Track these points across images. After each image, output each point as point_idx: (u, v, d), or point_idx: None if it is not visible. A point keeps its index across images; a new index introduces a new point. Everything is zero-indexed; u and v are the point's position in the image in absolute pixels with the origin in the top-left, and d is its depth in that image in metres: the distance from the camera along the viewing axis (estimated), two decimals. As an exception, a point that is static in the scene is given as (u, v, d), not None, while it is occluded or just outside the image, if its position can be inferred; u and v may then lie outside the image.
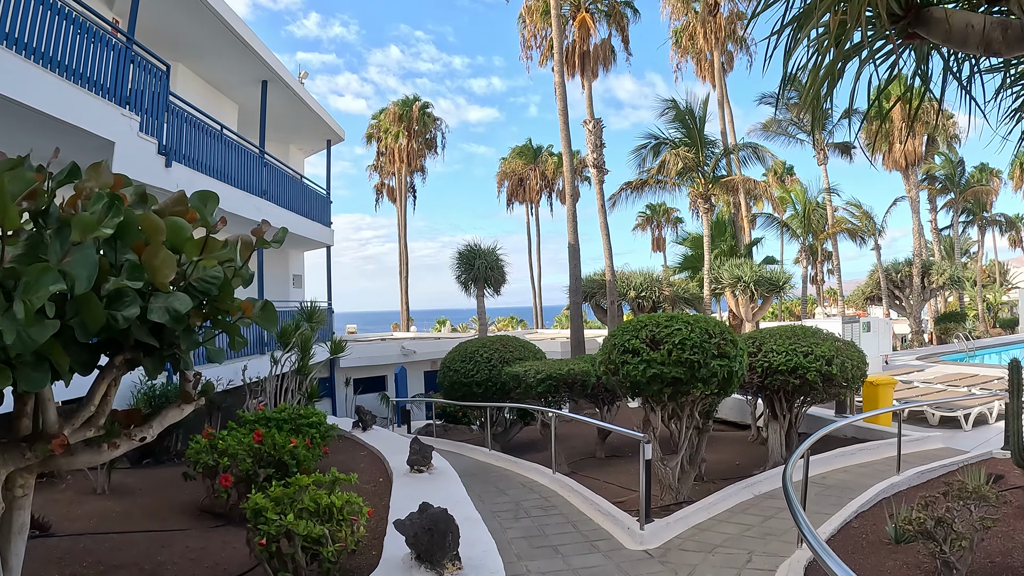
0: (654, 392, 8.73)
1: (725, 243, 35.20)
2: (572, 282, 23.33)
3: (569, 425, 18.61)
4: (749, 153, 30.83)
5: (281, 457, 8.16)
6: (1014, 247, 79.95)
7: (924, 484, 9.49)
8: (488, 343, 16.17)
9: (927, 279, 37.54)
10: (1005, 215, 54.24)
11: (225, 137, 16.32)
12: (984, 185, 49.48)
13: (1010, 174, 57.56)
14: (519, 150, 57.07)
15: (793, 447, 12.12)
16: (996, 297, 55.88)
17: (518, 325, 57.71)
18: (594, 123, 25.85)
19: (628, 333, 8.95)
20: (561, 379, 12.85)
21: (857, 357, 12.07)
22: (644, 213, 71.95)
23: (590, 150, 25.75)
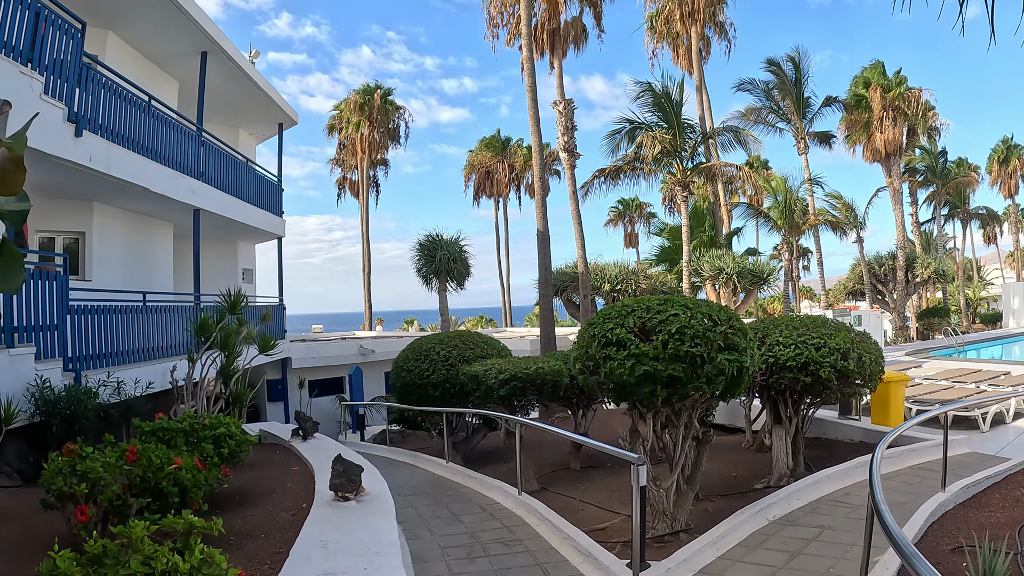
0: (644, 396, 6.85)
1: (704, 234, 33.45)
2: (541, 273, 21.32)
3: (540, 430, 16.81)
4: (729, 139, 29.10)
5: (158, 482, 6.22)
6: (988, 243, 79.75)
7: (975, 501, 7.80)
8: (445, 340, 14.17)
9: (911, 273, 36.29)
10: (987, 207, 53.39)
11: (155, 110, 14.49)
12: (966, 176, 48.39)
13: (988, 168, 56.83)
14: (487, 141, 55.03)
15: (800, 456, 10.39)
16: (975, 292, 55.00)
17: (487, 325, 55.71)
18: (564, 104, 23.87)
19: (611, 321, 7.08)
20: (528, 380, 10.91)
21: (875, 350, 10.39)
22: (616, 208, 70.58)
23: (560, 133, 23.74)
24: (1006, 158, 56.56)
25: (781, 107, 36.22)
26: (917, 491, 8.64)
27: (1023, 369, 18.44)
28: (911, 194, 45.80)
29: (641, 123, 26.14)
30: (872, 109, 35.73)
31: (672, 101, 26.27)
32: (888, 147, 35.37)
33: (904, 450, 10.54)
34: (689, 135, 27.09)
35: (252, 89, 20.63)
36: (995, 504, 7.54)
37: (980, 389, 15.66)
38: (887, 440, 6.39)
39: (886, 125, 35.24)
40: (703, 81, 34.47)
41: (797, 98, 35.22)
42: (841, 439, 12.50)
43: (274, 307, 22.37)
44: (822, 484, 8.93)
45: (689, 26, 33.67)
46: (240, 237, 22.87)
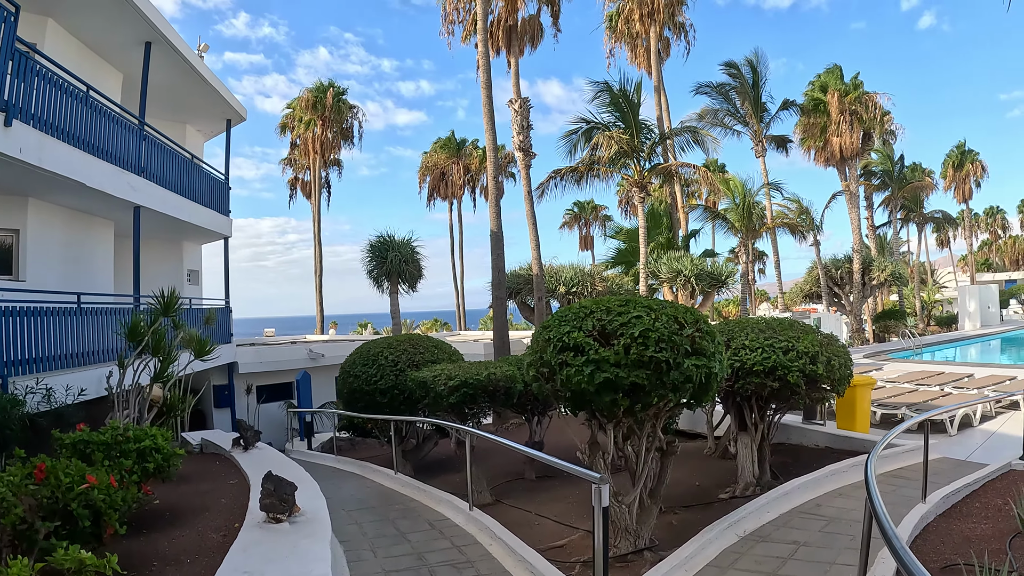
0: (605, 405, 6.26)
1: (662, 235, 33.03)
2: (495, 275, 20.63)
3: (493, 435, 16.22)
4: (687, 140, 28.67)
5: (67, 504, 5.50)
6: (941, 247, 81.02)
7: (957, 512, 7.35)
8: (394, 343, 13.44)
9: (868, 276, 36.35)
10: (944, 211, 53.90)
11: (93, 101, 13.65)
12: (922, 180, 48.76)
13: (942, 173, 57.49)
14: (442, 143, 53.99)
15: (766, 464, 9.93)
16: (929, 296, 55.54)
17: (442, 328, 54.89)
18: (520, 102, 23.26)
19: (568, 324, 6.49)
20: (479, 386, 10.25)
21: (844, 354, 9.95)
22: (571, 210, 70.27)
23: (516, 132, 23.12)
24: (960, 163, 57.24)
25: (739, 110, 36.04)
26: (894, 500, 8.19)
27: (985, 371, 18.37)
28: (867, 198, 46.04)
29: (598, 123, 25.61)
30: (830, 113, 35.71)
31: (630, 101, 25.78)
32: (846, 151, 35.38)
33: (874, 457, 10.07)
34: (647, 136, 26.65)
35: (199, 83, 19.75)
36: (977, 514, 7.11)
37: (944, 392, 15.48)
38: (880, 446, 6.02)
39: (843, 129, 35.23)
40: (661, 82, 34.09)
41: (755, 101, 35.08)
42: (806, 444, 12.10)
43: (220, 310, 21.52)
44: (793, 495, 8.43)
45: (648, 26, 33.26)
46: (185, 237, 21.97)
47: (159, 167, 16.96)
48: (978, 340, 33.81)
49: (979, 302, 40.27)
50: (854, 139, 35.38)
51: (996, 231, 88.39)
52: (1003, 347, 32.74)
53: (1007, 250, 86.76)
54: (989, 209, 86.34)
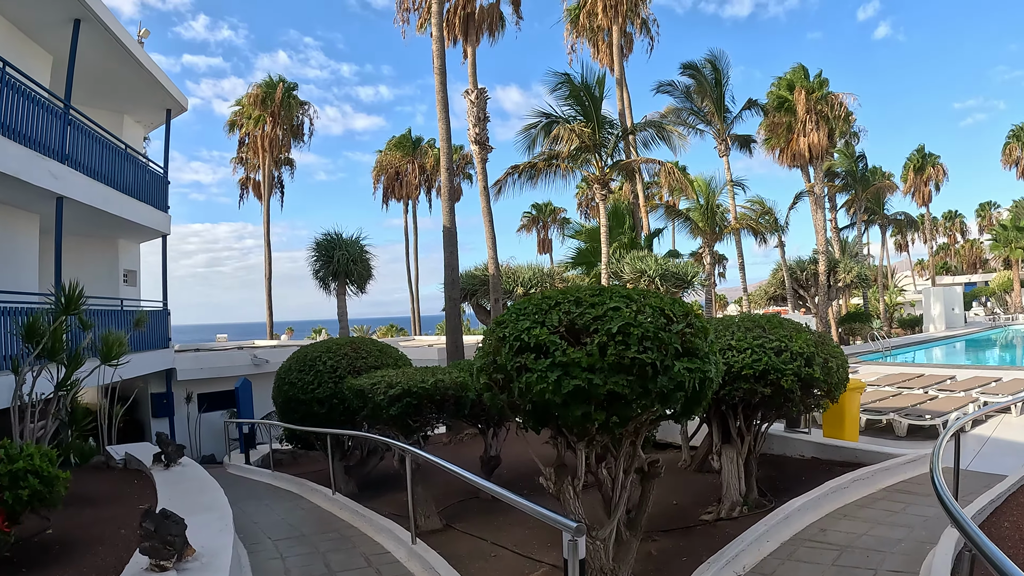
0: (575, 420, 4.97)
1: (625, 235, 31.82)
2: (448, 273, 19.18)
3: (445, 448, 14.89)
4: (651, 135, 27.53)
5: None
6: (900, 251, 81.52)
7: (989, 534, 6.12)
8: (334, 347, 12.00)
9: (833, 278, 35.72)
10: (906, 213, 53.74)
11: (10, 79, 12.38)
12: (886, 182, 48.46)
13: (902, 177, 57.45)
14: (397, 140, 52.26)
15: (752, 480, 8.73)
16: (892, 298, 55.33)
17: (397, 334, 53.36)
18: (477, 93, 21.91)
19: (528, 318, 5.20)
20: (425, 395, 8.83)
21: (840, 355, 8.81)
22: (529, 213, 69.35)
23: (472, 124, 21.75)
24: (921, 166, 57.31)
25: (702, 109, 35.20)
26: (908, 523, 7.17)
27: (968, 373, 17.61)
28: (830, 199, 45.57)
29: (559, 117, 24.42)
30: (795, 112, 35.02)
31: (592, 94, 24.61)
32: (813, 150, 34.70)
33: (875, 469, 9.01)
34: (609, 131, 25.56)
35: (135, 68, 18.25)
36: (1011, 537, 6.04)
37: (930, 395, 14.58)
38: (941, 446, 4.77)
39: (809, 128, 34.56)
40: (624, 76, 33.06)
41: (718, 100, 34.30)
42: (790, 455, 11.03)
43: (156, 312, 20.06)
44: (793, 519, 7.23)
45: (611, 18, 32.22)
46: (121, 234, 20.54)
47: (87, 156, 15.65)
48: (945, 342, 33.50)
49: (944, 304, 39.95)
50: (821, 138, 34.71)
51: (954, 235, 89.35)
52: (970, 348, 32.46)
53: (964, 254, 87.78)
54: (947, 213, 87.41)
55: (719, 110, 34.44)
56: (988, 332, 37.88)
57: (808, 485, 8.83)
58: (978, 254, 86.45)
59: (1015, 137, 61.40)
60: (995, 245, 52.92)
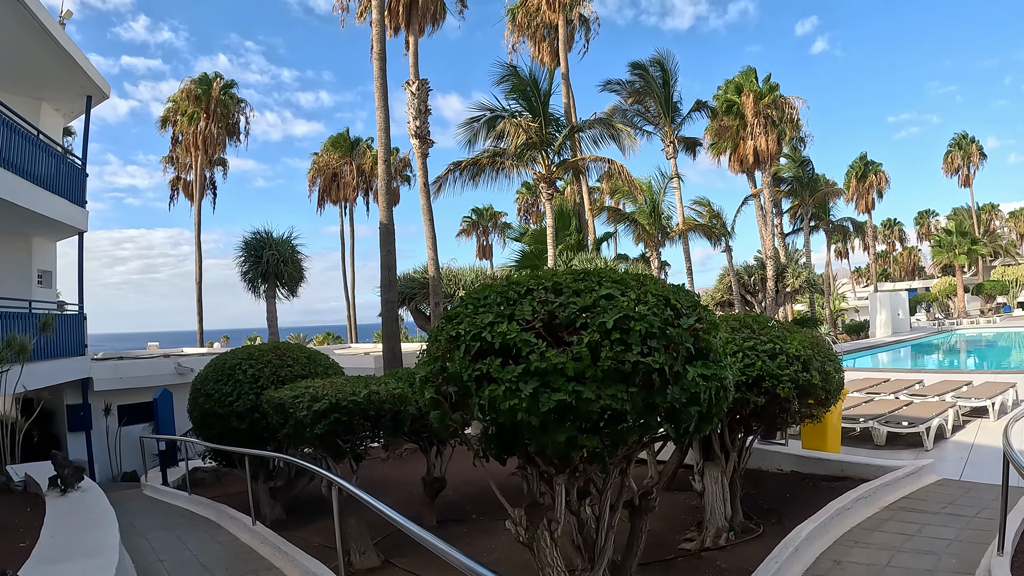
0: (557, 447, 3.70)
1: (571, 237, 30.71)
2: (384, 274, 17.63)
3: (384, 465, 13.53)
4: (600, 134, 26.57)
5: None
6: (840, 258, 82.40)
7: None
8: (256, 354, 10.47)
9: (781, 283, 35.24)
10: (853, 219, 53.85)
11: None
12: (833, 188, 48.46)
13: (845, 184, 57.72)
14: (334, 140, 50.19)
15: (738, 501, 7.58)
16: (835, 304, 55.48)
17: (334, 342, 51.48)
18: (418, 84, 20.57)
19: (492, 311, 3.90)
20: (356, 410, 7.44)
21: (836, 359, 7.74)
22: (469, 218, 68.12)
23: (412, 117, 20.35)
24: (864, 174, 57.61)
25: (648, 109, 34.38)
26: (931, 548, 6.22)
27: (936, 377, 16.93)
28: (775, 204, 45.34)
29: (504, 111, 23.21)
30: (744, 115, 34.51)
31: (539, 89, 23.51)
32: (760, 154, 34.25)
33: (876, 485, 7.98)
34: (556, 128, 24.48)
35: (52, 48, 16.51)
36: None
37: (903, 401, 13.76)
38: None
39: (757, 132, 34.11)
40: (568, 71, 31.96)
41: (666, 100, 33.46)
42: (767, 469, 10.05)
43: (71, 316, 18.34)
44: (802, 551, 6.11)
45: (557, 11, 31.20)
46: (34, 230, 18.73)
47: (-8, 141, 13.91)
48: (892, 347, 33.23)
49: (890, 309, 39.87)
50: (769, 142, 34.27)
51: (893, 242, 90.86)
52: (916, 353, 32.33)
53: (902, 261, 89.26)
54: (887, 221, 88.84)
55: (667, 111, 33.60)
56: (933, 337, 37.79)
57: (795, 503, 8.10)
58: (916, 261, 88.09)
59: (956, 146, 62.46)
60: (938, 251, 53.42)
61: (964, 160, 61.99)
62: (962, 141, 62.20)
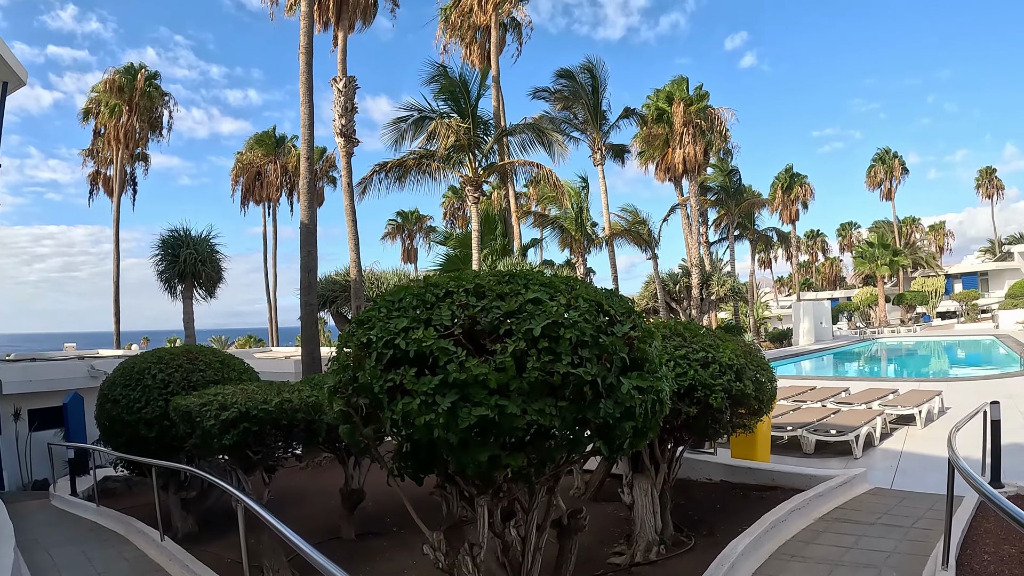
0: (479, 467, 3.36)
1: (496, 242, 30.45)
2: (304, 276, 16.93)
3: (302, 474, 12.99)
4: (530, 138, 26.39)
5: None
6: (763, 267, 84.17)
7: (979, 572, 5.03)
8: (166, 358, 9.85)
9: (706, 290, 35.61)
10: (777, 229, 54.85)
11: None
12: (758, 197, 49.27)
13: (771, 195, 58.84)
14: (258, 137, 48.89)
15: (668, 513, 7.33)
16: (759, 312, 56.40)
17: (256, 345, 50.18)
18: (346, 81, 20.01)
19: (407, 315, 3.53)
20: (267, 419, 7.01)
21: (769, 368, 7.59)
22: (394, 220, 67.40)
23: (338, 115, 19.77)
24: (789, 186, 58.80)
25: (577, 116, 34.35)
26: (870, 561, 6.13)
27: (861, 385, 17.18)
28: (702, 213, 45.93)
29: (432, 111, 22.86)
30: (673, 124, 34.75)
31: (468, 91, 23.26)
32: (689, 163, 34.54)
33: (809, 496, 7.84)
34: (485, 130, 24.26)
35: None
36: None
37: (831, 409, 13.77)
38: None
39: (686, 141, 34.39)
40: (499, 75, 31.67)
41: (594, 107, 33.45)
42: (696, 479, 9.86)
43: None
44: (738, 566, 5.89)
45: (490, 13, 30.90)
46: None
47: None
48: (815, 355, 33.76)
49: (813, 318, 40.57)
50: (697, 151, 34.59)
51: (816, 253, 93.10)
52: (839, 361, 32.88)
53: (825, 271, 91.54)
54: (810, 232, 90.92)
55: (595, 118, 33.60)
56: (855, 345, 38.60)
57: (726, 513, 7.97)
58: (837, 271, 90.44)
59: (879, 161, 64.21)
60: (860, 262, 54.64)
61: (887, 174, 63.71)
62: (885, 156, 63.96)
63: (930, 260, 62.91)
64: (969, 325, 44.84)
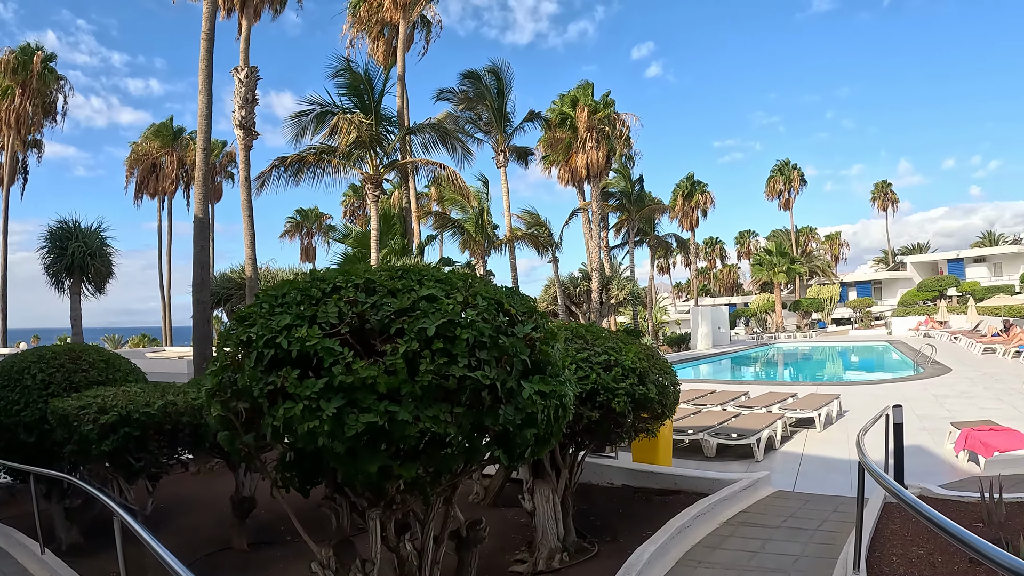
0: (368, 478, 3.08)
1: (396, 241, 30.02)
2: (197, 272, 16.05)
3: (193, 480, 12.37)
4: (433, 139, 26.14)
5: None
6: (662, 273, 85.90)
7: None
8: (48, 357, 9.12)
9: (606, 294, 35.96)
10: (677, 236, 55.90)
11: None
12: (659, 204, 50.07)
13: (671, 202, 60.00)
14: (156, 128, 46.69)
15: (570, 519, 7.18)
16: (657, 317, 57.36)
17: (150, 344, 48.21)
18: (247, 72, 19.34)
19: (290, 312, 3.23)
20: (150, 423, 6.50)
21: (672, 372, 7.52)
22: (293, 219, 65.92)
23: (238, 106, 19.09)
24: (690, 193, 60.04)
25: (481, 117, 34.23)
26: (778, 566, 6.08)
27: (761, 389, 17.47)
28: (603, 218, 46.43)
29: (336, 106, 22.37)
30: (577, 128, 34.98)
31: (373, 87, 22.86)
32: (592, 168, 34.79)
33: (714, 501, 7.78)
34: (388, 128, 23.87)
35: None
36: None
37: (731, 412, 13.93)
38: None
39: (589, 146, 34.64)
40: (405, 72, 31.18)
41: (499, 109, 33.31)
42: (597, 483, 9.69)
43: None
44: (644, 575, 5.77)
45: (399, 9, 30.39)
46: None
47: None
48: (713, 359, 34.47)
49: (711, 323, 41.43)
50: (600, 157, 34.89)
51: (714, 260, 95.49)
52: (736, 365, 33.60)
53: (723, 278, 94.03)
54: (709, 239, 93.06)
55: (500, 120, 33.47)
56: (753, 350, 39.65)
57: (629, 519, 7.83)
58: (735, 278, 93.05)
59: (779, 172, 66.23)
60: (758, 269, 56.18)
61: (785, 185, 65.71)
62: (784, 168, 66.01)
63: (826, 268, 65.32)
64: (863, 331, 46.56)
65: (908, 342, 33.95)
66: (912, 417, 13.54)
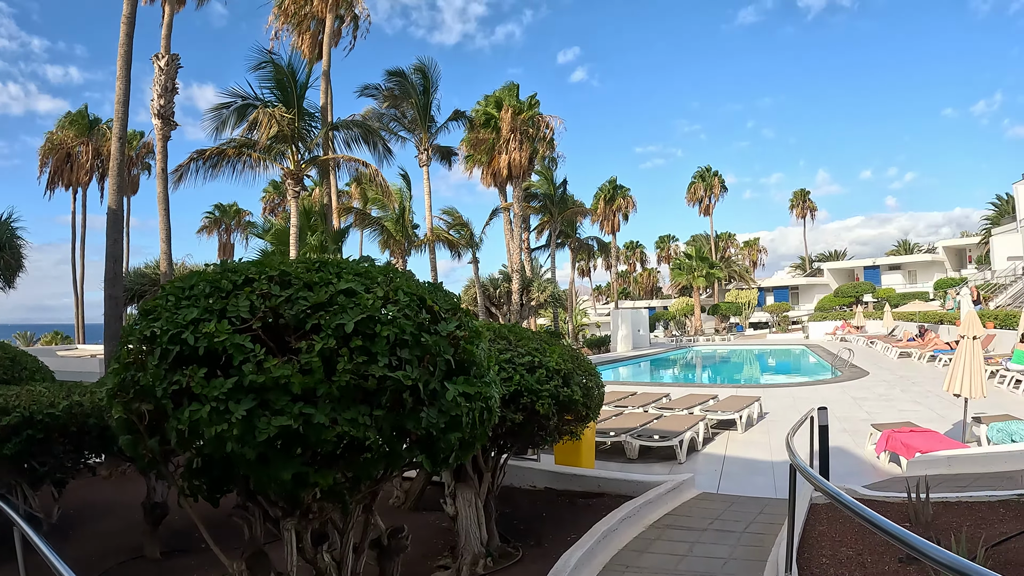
0: (282, 486, 2.88)
1: (315, 238, 29.53)
2: (110, 266, 15.26)
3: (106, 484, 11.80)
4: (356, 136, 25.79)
5: None
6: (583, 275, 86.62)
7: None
8: None
9: (527, 296, 36.02)
10: (598, 239, 56.28)
11: None
12: (581, 207, 50.38)
13: (593, 206, 60.47)
14: (71, 118, 44.85)
15: (493, 523, 7.04)
16: (577, 319, 57.79)
17: (63, 342, 46.26)
18: (168, 59, 18.64)
19: (198, 305, 3.00)
20: (54, 425, 6.07)
21: (596, 373, 7.45)
22: (211, 214, 64.07)
23: (157, 95, 18.41)
24: (612, 197, 60.50)
25: (406, 115, 33.91)
26: (707, 569, 6.21)
27: (682, 391, 17.62)
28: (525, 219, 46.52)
29: (258, 99, 21.84)
30: (500, 129, 34.93)
31: (296, 81, 22.45)
32: (514, 169, 34.75)
33: (639, 503, 7.74)
34: (311, 123, 23.43)
35: None
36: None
37: (653, 414, 14.05)
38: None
39: (512, 147, 34.61)
40: (330, 68, 30.66)
41: (424, 108, 33.09)
42: (519, 486, 9.57)
43: None
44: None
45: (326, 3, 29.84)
46: None
47: None
48: (632, 361, 34.79)
49: (631, 325, 41.84)
50: (523, 158, 34.90)
51: (635, 263, 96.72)
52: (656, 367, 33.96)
53: (643, 281, 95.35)
54: (630, 243, 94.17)
55: (424, 119, 33.22)
56: (672, 352, 40.24)
57: (553, 522, 7.73)
58: (655, 282, 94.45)
59: (700, 178, 67.45)
60: (678, 273, 57.12)
61: (706, 191, 66.91)
62: (705, 174, 67.26)
63: (744, 273, 66.85)
64: (781, 335, 47.71)
65: (825, 346, 34.93)
66: (832, 419, 13.77)
